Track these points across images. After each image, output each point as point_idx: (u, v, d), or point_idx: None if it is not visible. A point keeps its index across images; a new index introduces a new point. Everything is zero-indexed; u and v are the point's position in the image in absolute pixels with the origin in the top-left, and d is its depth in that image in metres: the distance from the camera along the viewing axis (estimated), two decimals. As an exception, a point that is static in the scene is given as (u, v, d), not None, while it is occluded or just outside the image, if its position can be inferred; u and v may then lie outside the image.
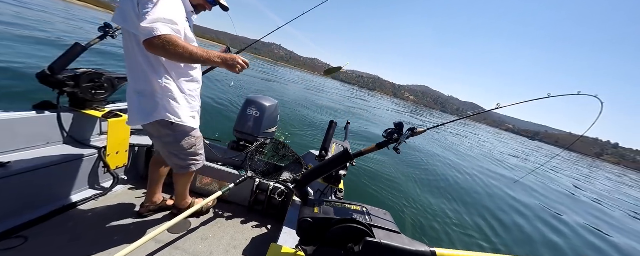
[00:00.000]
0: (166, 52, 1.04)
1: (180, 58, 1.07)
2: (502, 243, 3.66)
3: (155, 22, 1.01)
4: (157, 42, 1.00)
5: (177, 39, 1.05)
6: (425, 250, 0.85)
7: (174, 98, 1.26)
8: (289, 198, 2.00)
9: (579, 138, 1.76)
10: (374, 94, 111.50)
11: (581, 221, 5.36)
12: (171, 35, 1.03)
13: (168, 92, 1.24)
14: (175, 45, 1.03)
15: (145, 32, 0.99)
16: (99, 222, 1.66)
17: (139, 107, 1.26)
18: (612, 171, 43.19)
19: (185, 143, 1.38)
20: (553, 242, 4.04)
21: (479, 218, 4.20)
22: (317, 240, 1.00)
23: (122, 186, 2.06)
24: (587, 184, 10.83)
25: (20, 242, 1.39)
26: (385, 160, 5.79)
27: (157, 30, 0.99)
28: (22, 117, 1.63)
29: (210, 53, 1.14)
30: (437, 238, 3.38)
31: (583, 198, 7.61)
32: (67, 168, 1.72)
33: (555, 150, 49.29)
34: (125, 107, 2.31)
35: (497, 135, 46.63)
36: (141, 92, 1.24)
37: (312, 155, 2.64)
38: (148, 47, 1.02)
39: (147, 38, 1.00)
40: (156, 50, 1.03)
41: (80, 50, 1.80)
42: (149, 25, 0.99)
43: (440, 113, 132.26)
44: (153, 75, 1.21)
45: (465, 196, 5.11)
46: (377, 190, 4.32)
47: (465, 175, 6.62)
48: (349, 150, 1.16)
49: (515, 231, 4.10)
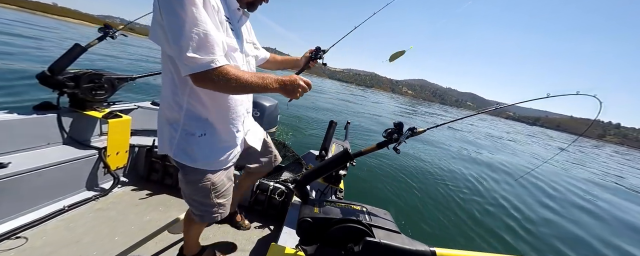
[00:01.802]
0: (225, 88, 0.86)
1: (232, 91, 0.92)
2: (503, 242, 3.66)
3: (207, 51, 0.79)
4: (212, 77, 0.81)
5: (236, 71, 0.85)
6: (425, 249, 0.85)
7: (191, 133, 1.00)
8: (289, 198, 2.00)
9: (577, 138, 1.77)
10: (372, 91, 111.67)
11: (594, 214, 5.37)
12: (226, 66, 0.83)
13: (189, 124, 1.00)
14: (236, 80, 0.84)
15: (191, 65, 0.79)
16: (99, 223, 1.66)
17: (160, 133, 1.06)
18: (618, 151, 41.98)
19: (195, 188, 1.09)
20: (562, 240, 4.04)
21: (479, 218, 4.20)
22: (317, 239, 1.00)
23: (122, 186, 2.06)
24: (599, 169, 10.76)
25: (21, 243, 1.39)
26: (385, 160, 5.79)
27: (214, 62, 0.80)
28: (22, 117, 1.63)
29: (267, 79, 0.92)
30: (437, 238, 3.38)
31: (597, 186, 7.60)
32: (67, 169, 1.72)
33: (554, 133, 47.59)
34: (125, 107, 2.31)
35: (495, 123, 46.53)
36: (162, 116, 1.04)
37: (312, 155, 2.64)
38: (195, 82, 0.84)
39: (197, 72, 0.79)
40: (205, 84, 0.84)
41: (80, 51, 1.80)
42: (192, 55, 0.77)
43: (439, 106, 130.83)
44: (175, 99, 0.98)
45: (466, 195, 5.10)
46: (377, 190, 4.32)
47: (466, 174, 6.62)
48: (349, 150, 1.16)
49: (517, 230, 4.10)
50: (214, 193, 1.13)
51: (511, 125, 79.80)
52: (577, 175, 10.93)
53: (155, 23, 0.85)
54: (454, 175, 6.40)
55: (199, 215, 1.17)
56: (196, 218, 1.18)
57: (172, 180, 2.18)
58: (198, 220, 1.19)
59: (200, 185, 1.08)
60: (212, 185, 1.10)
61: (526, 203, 5.48)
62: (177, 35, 0.76)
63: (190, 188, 1.10)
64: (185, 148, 1.01)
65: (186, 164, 1.03)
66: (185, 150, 1.01)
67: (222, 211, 1.19)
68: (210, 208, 1.15)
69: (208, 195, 1.12)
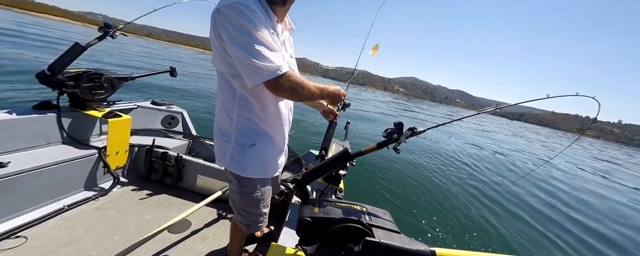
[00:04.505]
0: (293, 92, 0.92)
1: (296, 96, 0.96)
2: (502, 242, 3.66)
3: (271, 60, 0.86)
4: (284, 83, 0.89)
5: (298, 76, 0.93)
6: (424, 249, 0.85)
7: (243, 145, 1.04)
8: (289, 198, 2.00)
9: (578, 138, 1.76)
10: (365, 88, 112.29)
11: (593, 211, 5.37)
12: (289, 72, 0.90)
13: (240, 137, 1.04)
14: (300, 85, 0.92)
15: (264, 73, 0.86)
16: (99, 222, 1.66)
17: (216, 146, 1.12)
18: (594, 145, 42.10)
19: (249, 200, 1.13)
20: (559, 240, 4.04)
21: (479, 218, 4.20)
22: (317, 239, 1.00)
23: (122, 186, 2.06)
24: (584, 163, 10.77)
25: (21, 242, 1.39)
26: (385, 160, 5.79)
27: (280, 69, 0.87)
28: (22, 117, 1.63)
29: (326, 89, 1.04)
30: (437, 238, 3.38)
31: (589, 182, 7.60)
32: (67, 168, 1.72)
33: (538, 128, 48.33)
34: (125, 106, 2.31)
35: (483, 121, 46.55)
36: (218, 130, 1.09)
37: (312, 154, 2.64)
38: (272, 89, 0.91)
39: (270, 79, 0.87)
40: (277, 90, 0.91)
41: (80, 50, 1.80)
42: (264, 64, 0.85)
43: (430, 103, 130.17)
44: (227, 113, 1.04)
45: (466, 195, 5.11)
46: (377, 190, 4.32)
47: (466, 174, 6.63)
48: (348, 150, 1.16)
49: (516, 230, 4.10)
50: (262, 203, 1.17)
51: (496, 120, 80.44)
52: (575, 174, 10.94)
53: (214, 47, 0.94)
54: (453, 174, 6.40)
55: (247, 225, 1.20)
56: (244, 227, 1.21)
57: (172, 180, 2.17)
58: (245, 230, 1.22)
59: (253, 196, 1.12)
60: (261, 195, 1.14)
61: (526, 203, 5.48)
62: (246, 48, 0.84)
63: (243, 199, 1.13)
64: (238, 160, 1.06)
65: (240, 175, 1.07)
66: (238, 161, 1.06)
67: (265, 221, 1.23)
68: (257, 218, 1.19)
69: (258, 205, 1.16)
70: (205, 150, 2.64)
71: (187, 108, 3.03)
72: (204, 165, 2.13)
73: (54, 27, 44.78)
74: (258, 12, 0.88)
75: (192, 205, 1.66)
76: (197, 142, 2.67)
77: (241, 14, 0.83)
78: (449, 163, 7.47)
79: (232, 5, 0.84)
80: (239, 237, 1.38)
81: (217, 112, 1.08)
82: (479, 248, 3.41)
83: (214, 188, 2.13)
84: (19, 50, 10.55)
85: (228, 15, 0.84)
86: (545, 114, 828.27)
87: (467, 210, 4.43)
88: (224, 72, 0.98)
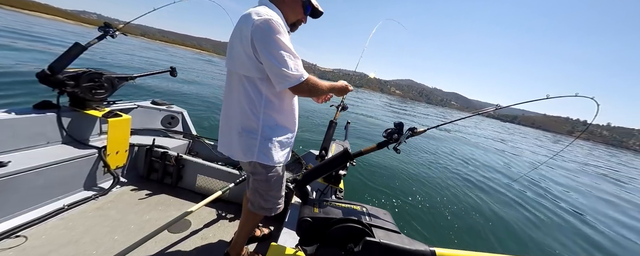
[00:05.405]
0: (311, 93, 1.16)
1: (315, 96, 1.21)
2: (503, 242, 3.66)
3: (297, 69, 1.06)
4: (305, 87, 1.11)
5: (315, 79, 1.15)
6: (424, 249, 0.85)
7: (269, 139, 1.19)
8: (288, 198, 2.00)
9: (578, 136, 1.76)
10: (363, 90, 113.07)
11: (590, 210, 5.38)
12: (311, 76, 1.12)
13: (266, 132, 1.19)
14: (317, 86, 1.16)
15: (291, 80, 1.06)
16: (99, 222, 1.66)
17: (239, 144, 1.22)
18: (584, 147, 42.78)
19: (275, 184, 1.30)
20: (557, 240, 4.04)
21: (479, 218, 4.20)
22: (317, 239, 1.00)
23: (122, 186, 2.06)
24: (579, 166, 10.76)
25: (20, 242, 1.39)
26: (385, 160, 5.79)
27: (303, 76, 1.08)
28: (22, 116, 1.63)
29: (335, 85, 1.33)
30: (437, 238, 3.38)
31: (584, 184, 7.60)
32: (67, 168, 1.72)
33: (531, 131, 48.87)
34: (125, 106, 2.31)
35: (479, 123, 46.67)
36: (241, 130, 1.19)
37: (312, 155, 2.64)
38: (295, 91, 1.14)
39: (295, 84, 1.07)
40: (301, 93, 1.14)
41: (80, 49, 1.80)
42: (292, 72, 1.05)
43: (426, 105, 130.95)
44: (253, 114, 1.17)
45: (465, 195, 5.10)
46: (377, 190, 4.32)
47: (466, 174, 6.62)
48: (348, 150, 1.16)
49: (516, 230, 4.10)
50: (283, 185, 1.37)
51: (494, 123, 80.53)
52: (572, 174, 10.95)
53: (242, 54, 1.07)
54: (453, 174, 6.40)
55: (269, 209, 1.35)
56: (266, 212, 1.35)
57: (172, 180, 2.17)
58: (267, 214, 1.37)
59: (278, 180, 1.30)
60: (281, 178, 1.32)
61: (526, 203, 5.48)
62: (278, 59, 1.02)
63: (270, 185, 1.28)
64: (265, 152, 1.19)
65: (269, 164, 1.21)
66: (265, 153, 1.19)
67: (282, 204, 1.40)
68: (277, 200, 1.36)
69: (280, 188, 1.34)
70: (205, 150, 2.64)
71: (187, 108, 3.03)
72: (203, 165, 2.13)
73: (42, 25, 43.88)
74: (284, 26, 1.07)
75: (192, 205, 1.66)
76: (197, 141, 2.66)
77: (275, 29, 1.01)
78: (448, 163, 7.47)
79: (269, 21, 1.01)
80: (248, 231, 1.47)
81: (238, 113, 1.18)
82: (479, 248, 3.41)
83: (213, 188, 2.13)
84: (20, 48, 10.54)
85: (265, 30, 1.01)
86: (537, 117, 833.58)
87: (467, 210, 4.43)
88: (253, 77, 1.11)
